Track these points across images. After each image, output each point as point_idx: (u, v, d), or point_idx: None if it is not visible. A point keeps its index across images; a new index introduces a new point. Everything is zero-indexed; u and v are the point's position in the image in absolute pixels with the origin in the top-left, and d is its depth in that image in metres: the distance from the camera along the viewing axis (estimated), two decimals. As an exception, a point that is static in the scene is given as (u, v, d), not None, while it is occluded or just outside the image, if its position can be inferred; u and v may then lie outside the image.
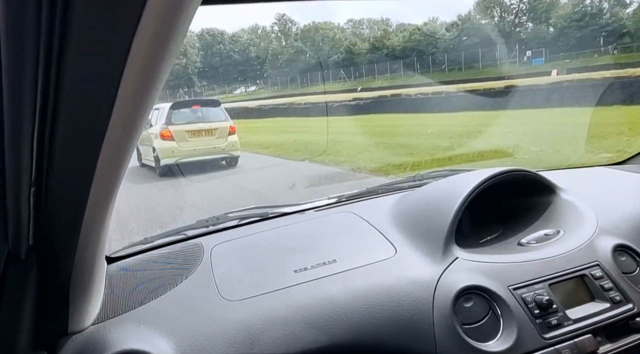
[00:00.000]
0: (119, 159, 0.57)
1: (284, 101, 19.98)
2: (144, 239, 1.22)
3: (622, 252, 1.16)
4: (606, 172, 1.68)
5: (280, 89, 30.40)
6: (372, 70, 28.15)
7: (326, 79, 27.80)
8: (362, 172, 6.38)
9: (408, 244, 1.12)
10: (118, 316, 0.91)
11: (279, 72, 34.02)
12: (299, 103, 18.55)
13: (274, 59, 37.91)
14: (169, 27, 0.41)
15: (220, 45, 39.86)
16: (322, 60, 32.78)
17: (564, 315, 1.01)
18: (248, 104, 22.30)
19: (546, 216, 1.29)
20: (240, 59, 39.46)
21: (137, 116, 0.51)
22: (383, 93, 18.50)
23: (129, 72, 0.42)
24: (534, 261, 1.08)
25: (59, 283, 0.75)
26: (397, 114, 15.20)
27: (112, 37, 0.40)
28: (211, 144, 7.35)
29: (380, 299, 0.96)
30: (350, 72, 28.54)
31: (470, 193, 1.15)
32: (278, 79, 32.84)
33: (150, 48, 0.41)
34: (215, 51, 39.42)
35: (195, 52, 37.67)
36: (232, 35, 41.07)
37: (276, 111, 18.90)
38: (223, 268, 1.07)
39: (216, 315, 0.92)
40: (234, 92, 31.83)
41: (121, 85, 0.43)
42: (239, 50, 40.15)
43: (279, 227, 1.27)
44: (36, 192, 0.59)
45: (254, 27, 42.29)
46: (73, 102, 0.46)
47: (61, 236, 0.67)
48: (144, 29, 0.39)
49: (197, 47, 38.00)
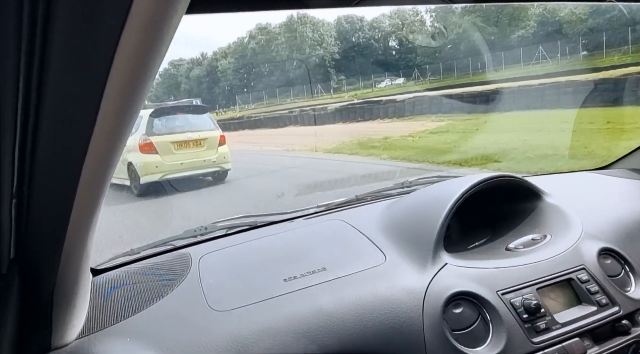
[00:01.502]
0: (103, 170, 0.56)
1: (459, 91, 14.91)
2: (130, 250, 1.20)
3: (607, 256, 1.18)
4: (590, 177, 1.71)
5: (442, 79, 23.91)
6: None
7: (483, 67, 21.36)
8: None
9: (397, 251, 1.12)
10: (103, 330, 0.89)
11: (434, 59, 27.09)
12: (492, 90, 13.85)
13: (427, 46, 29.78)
14: (153, 37, 0.40)
15: (360, 32, 34.07)
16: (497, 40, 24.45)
17: (552, 319, 1.02)
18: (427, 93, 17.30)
19: (533, 220, 1.31)
20: (382, 48, 33.71)
21: (121, 126, 0.50)
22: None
23: (112, 83, 0.42)
24: (521, 265, 1.09)
25: (41, 296, 0.73)
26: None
27: (95, 48, 0.39)
28: (200, 157, 6.44)
29: (370, 307, 0.96)
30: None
31: (457, 199, 1.16)
32: (440, 67, 25.47)
33: (134, 59, 0.41)
34: (354, 40, 33.69)
35: (331, 42, 32.92)
36: (371, 21, 34.10)
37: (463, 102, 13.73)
38: (211, 278, 1.05)
39: (205, 326, 0.91)
40: (379, 85, 26.67)
41: (104, 96, 0.43)
42: (381, 38, 33.90)
43: (268, 236, 1.26)
44: (17, 204, 0.58)
45: (397, 10, 34.52)
46: (55, 113, 0.45)
47: (44, 249, 0.66)
48: (127, 39, 0.38)
49: (333, 36, 33.08)
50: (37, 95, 0.43)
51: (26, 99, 0.44)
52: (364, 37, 33.82)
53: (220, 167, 6.73)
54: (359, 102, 17.86)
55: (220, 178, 6.83)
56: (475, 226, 1.35)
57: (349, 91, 27.66)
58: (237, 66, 34.03)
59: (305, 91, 28.57)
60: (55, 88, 0.43)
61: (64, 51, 0.39)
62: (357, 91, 26.37)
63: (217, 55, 36.60)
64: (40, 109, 0.44)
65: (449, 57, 25.67)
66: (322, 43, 32.95)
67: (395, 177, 5.69)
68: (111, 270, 1.10)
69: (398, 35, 32.55)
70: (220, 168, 6.73)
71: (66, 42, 0.39)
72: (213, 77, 34.32)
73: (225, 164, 6.74)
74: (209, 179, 6.81)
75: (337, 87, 29.95)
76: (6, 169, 0.50)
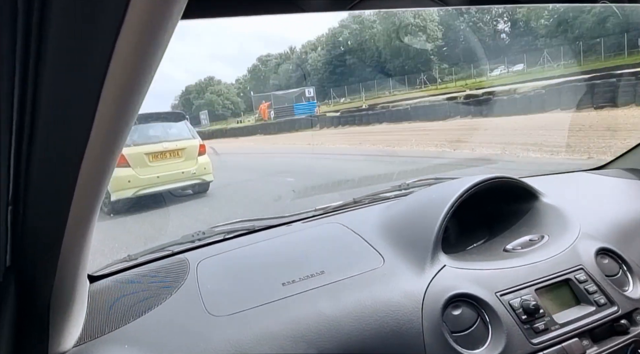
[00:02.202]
0: (100, 177, 0.56)
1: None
2: (127, 256, 1.19)
3: (604, 256, 1.18)
4: (586, 177, 1.72)
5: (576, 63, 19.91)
6: None
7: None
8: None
9: (395, 253, 1.12)
10: (101, 337, 0.89)
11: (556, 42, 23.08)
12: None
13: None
14: (148, 41, 0.40)
15: (465, 15, 30.40)
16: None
17: (551, 319, 1.02)
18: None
19: (530, 221, 1.31)
20: (491, 32, 29.93)
21: (118, 132, 0.50)
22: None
23: (107, 90, 0.42)
24: (519, 266, 1.10)
25: (38, 304, 0.72)
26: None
27: (90, 54, 0.39)
28: (179, 169, 5.84)
29: (369, 310, 0.96)
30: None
31: (455, 201, 1.17)
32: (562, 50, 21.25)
33: (130, 64, 0.41)
34: (458, 25, 30.29)
35: (434, 27, 29.80)
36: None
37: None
38: (209, 283, 1.05)
39: (203, 332, 0.91)
40: (493, 73, 23.46)
41: (100, 101, 0.43)
42: (490, 21, 30.18)
43: (266, 240, 1.26)
44: (14, 211, 0.57)
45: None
46: (51, 119, 0.45)
47: (41, 256, 0.66)
48: (122, 44, 0.38)
49: (435, 20, 29.67)
50: (33, 102, 0.43)
51: (21, 106, 0.43)
52: (471, 20, 30.59)
53: (201, 179, 6.16)
54: (482, 92, 15.10)
55: (201, 191, 6.26)
56: (472, 227, 1.35)
57: (457, 80, 24.85)
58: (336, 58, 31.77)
59: (407, 82, 25.81)
60: (50, 95, 0.43)
61: (58, 58, 0.39)
62: (466, 80, 23.61)
63: (306, 48, 35.09)
64: (36, 115, 0.44)
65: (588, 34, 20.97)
66: (426, 29, 29.89)
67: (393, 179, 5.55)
68: (108, 277, 1.10)
69: (512, 16, 28.29)
70: (201, 180, 6.17)
71: (60, 49, 0.39)
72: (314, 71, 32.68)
73: (206, 175, 6.15)
74: (189, 192, 6.30)
75: (442, 77, 27.08)
76: (2, 176, 0.50)
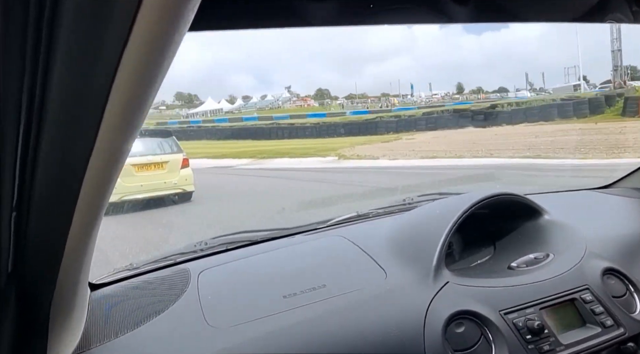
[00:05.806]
0: (104, 185, 0.56)
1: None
2: (129, 265, 1.19)
3: (610, 276, 1.16)
4: (592, 195, 1.70)
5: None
6: None
7: None
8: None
9: (398, 268, 1.11)
10: (100, 346, 0.88)
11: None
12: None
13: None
14: (156, 54, 0.41)
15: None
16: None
17: (556, 340, 1.00)
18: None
19: (535, 239, 1.30)
20: None
21: (123, 140, 0.50)
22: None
23: (114, 98, 0.42)
24: (524, 285, 1.08)
25: (39, 311, 0.72)
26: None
27: (98, 63, 0.40)
28: (161, 179, 6.62)
29: (371, 325, 0.95)
30: None
31: (459, 217, 1.16)
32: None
33: (137, 74, 0.42)
34: None
35: None
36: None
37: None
38: (210, 293, 1.04)
39: (202, 343, 0.90)
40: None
41: (106, 109, 0.43)
42: None
43: (268, 251, 1.25)
44: (17, 218, 0.58)
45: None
46: (56, 127, 0.46)
47: (42, 263, 0.66)
48: (130, 54, 0.39)
49: None
50: (39, 109, 0.44)
51: (28, 113, 0.44)
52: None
53: (182, 190, 6.91)
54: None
55: (183, 200, 6.97)
56: (477, 243, 1.34)
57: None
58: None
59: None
60: (57, 103, 0.43)
61: (66, 66, 0.40)
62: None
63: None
64: (42, 123, 0.45)
65: None
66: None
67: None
68: (110, 285, 1.09)
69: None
70: (182, 190, 6.92)
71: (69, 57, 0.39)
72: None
73: (187, 186, 6.91)
74: (174, 199, 6.97)
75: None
76: (7, 183, 0.51)
